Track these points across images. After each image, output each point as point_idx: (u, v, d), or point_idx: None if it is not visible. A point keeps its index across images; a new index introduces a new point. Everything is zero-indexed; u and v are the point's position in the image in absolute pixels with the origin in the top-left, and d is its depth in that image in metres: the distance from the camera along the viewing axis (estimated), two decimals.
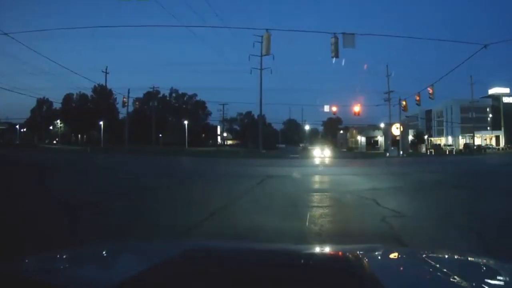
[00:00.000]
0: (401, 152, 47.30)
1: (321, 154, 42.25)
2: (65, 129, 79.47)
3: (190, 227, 5.44)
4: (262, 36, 15.75)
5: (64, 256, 1.76)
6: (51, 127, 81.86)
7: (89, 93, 71.13)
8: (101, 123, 65.73)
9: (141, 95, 68.64)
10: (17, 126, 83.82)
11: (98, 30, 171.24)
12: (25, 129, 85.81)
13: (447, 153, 55.14)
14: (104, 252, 1.91)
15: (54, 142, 77.91)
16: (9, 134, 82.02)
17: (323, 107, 49.39)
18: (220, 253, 1.84)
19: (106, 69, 53.70)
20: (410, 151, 53.01)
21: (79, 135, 75.66)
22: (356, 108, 47.86)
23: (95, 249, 2.06)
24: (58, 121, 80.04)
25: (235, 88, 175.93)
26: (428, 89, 32.76)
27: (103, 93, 65.68)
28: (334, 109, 47.15)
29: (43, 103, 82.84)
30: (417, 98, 35.95)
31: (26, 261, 1.65)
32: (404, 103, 39.29)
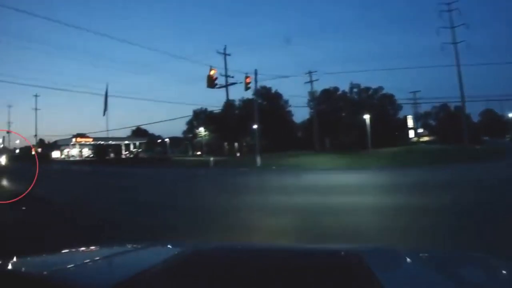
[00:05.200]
0: None
1: None
2: (210, 138, 68.76)
3: None
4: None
5: (64, 256, 1.78)
6: (200, 137, 73.22)
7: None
8: (255, 127, 52.67)
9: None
10: (159, 140, 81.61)
11: None
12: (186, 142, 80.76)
13: None
14: (104, 252, 1.91)
15: (199, 153, 69.08)
16: (159, 148, 78.37)
17: None
18: (220, 253, 1.84)
19: (224, 50, 39.55)
20: None
21: (235, 144, 63.71)
22: None
23: (95, 249, 2.07)
24: (202, 129, 70.79)
25: (426, 77, 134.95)
26: None
27: (268, 96, 59.54)
28: None
29: (199, 114, 75.27)
30: None
31: (26, 261, 1.60)
32: None
